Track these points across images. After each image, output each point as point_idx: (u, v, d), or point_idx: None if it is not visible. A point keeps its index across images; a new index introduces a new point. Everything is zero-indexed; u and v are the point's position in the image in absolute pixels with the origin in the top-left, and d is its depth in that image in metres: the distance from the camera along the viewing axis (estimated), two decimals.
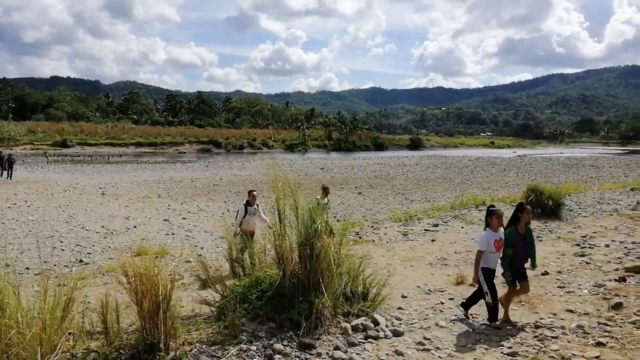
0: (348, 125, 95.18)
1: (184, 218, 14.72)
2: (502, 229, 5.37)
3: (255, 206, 8.39)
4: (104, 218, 14.42)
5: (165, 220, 14.30)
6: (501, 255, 5.32)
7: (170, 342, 3.97)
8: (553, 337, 4.80)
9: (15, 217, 14.13)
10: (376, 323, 5.08)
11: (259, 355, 4.11)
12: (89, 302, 5.56)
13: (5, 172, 26.61)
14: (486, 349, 4.60)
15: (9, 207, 16.13)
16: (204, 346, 4.17)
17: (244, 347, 4.18)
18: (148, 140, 72.06)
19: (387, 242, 10.15)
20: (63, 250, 10.23)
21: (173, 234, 12.30)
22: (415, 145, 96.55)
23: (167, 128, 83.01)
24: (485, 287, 5.24)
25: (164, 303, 3.88)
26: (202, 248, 10.65)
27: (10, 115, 78.71)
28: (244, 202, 8.49)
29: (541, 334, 4.88)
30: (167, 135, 75.95)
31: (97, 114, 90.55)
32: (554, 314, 5.51)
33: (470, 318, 5.50)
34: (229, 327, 4.41)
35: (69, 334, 3.94)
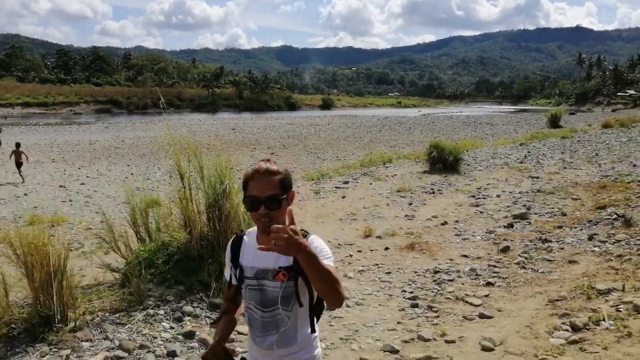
0: (259, 85, 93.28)
1: (82, 183, 13.70)
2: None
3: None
4: None
5: (61, 186, 13.21)
6: None
7: (69, 313, 3.72)
8: (449, 281, 5.22)
9: None
10: None
11: (167, 319, 4.01)
12: None
13: None
14: (390, 295, 4.89)
15: None
16: (107, 314, 3.98)
17: (151, 311, 4.05)
18: (37, 100, 65.20)
19: (300, 200, 10.25)
20: None
21: (70, 200, 11.41)
22: (327, 105, 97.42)
23: (59, 87, 75.53)
24: None
25: (58, 272, 3.60)
26: (104, 214, 10.02)
27: None
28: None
29: (439, 278, 5.28)
30: (60, 95, 69.18)
31: None
32: (451, 260, 5.97)
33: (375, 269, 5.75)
34: (134, 293, 4.23)
35: None
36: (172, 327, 3.91)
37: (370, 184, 11.90)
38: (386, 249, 6.49)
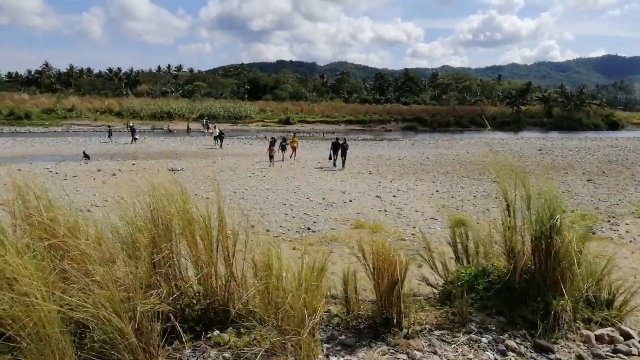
0: (573, 101, 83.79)
1: (394, 196, 15.14)
2: None
3: None
4: (324, 191, 15.83)
5: (377, 196, 14.95)
6: None
7: (403, 320, 4.14)
8: None
9: (254, 186, 16.58)
10: (626, 336, 4.40)
11: (490, 349, 3.98)
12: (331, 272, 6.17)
13: (338, 158, 23.74)
14: None
15: (249, 177, 18.99)
16: (433, 328, 4.24)
17: (474, 337, 4.11)
18: (357, 118, 76.02)
19: (631, 241, 8.71)
20: (293, 217, 11.60)
21: (385, 210, 12.77)
22: None
23: (374, 106, 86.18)
24: None
25: (398, 282, 4.05)
26: (414, 227, 10.81)
27: (246, 96, 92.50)
28: None
29: None
30: (375, 113, 78.89)
31: (313, 94, 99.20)
32: None
33: None
34: (456, 313, 4.38)
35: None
36: (496, 359, 3.87)
37: None
38: None
